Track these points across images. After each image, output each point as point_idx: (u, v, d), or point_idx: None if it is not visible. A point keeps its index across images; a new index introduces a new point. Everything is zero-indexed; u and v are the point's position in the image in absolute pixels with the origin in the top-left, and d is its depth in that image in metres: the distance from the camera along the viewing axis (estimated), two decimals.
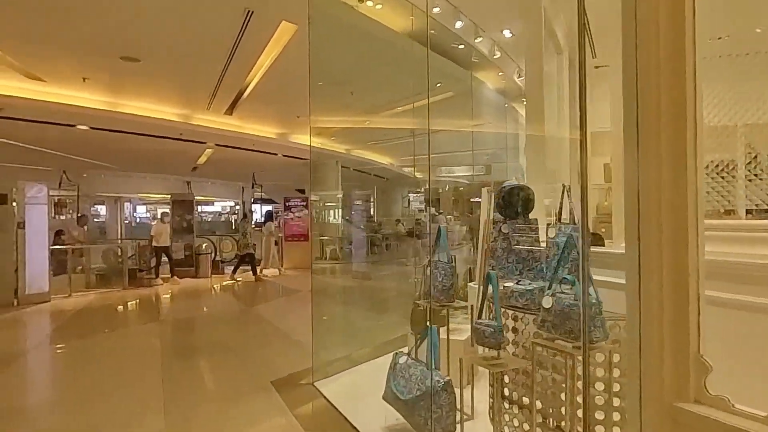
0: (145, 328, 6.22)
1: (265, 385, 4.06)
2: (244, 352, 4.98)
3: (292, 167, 17.27)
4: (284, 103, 9.21)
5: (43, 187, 8.19)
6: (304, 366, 4.56)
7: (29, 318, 7.19)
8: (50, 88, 7.55)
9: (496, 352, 2.73)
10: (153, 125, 9.26)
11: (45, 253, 8.16)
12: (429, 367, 3.01)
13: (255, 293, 9.18)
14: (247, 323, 6.64)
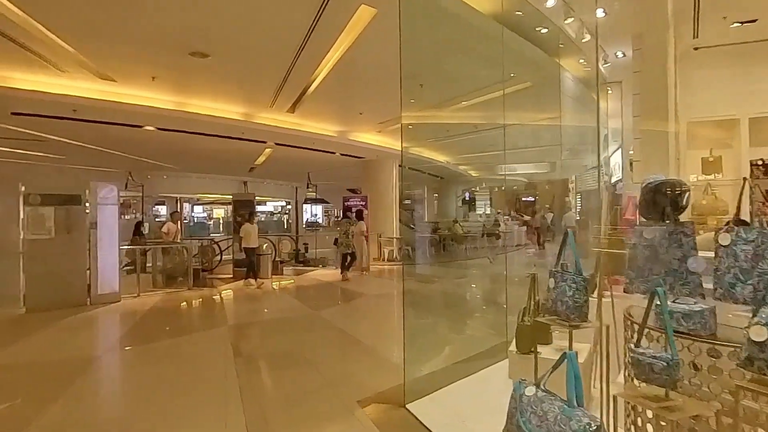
0: (216, 334, 5.99)
1: (350, 405, 3.64)
2: (322, 364, 4.60)
3: (347, 167, 17.04)
4: (348, 99, 8.87)
5: (114, 187, 8.24)
6: (388, 381, 4.12)
7: (102, 318, 7.19)
8: (120, 89, 7.54)
9: (664, 391, 2.16)
10: (216, 124, 9.17)
11: (116, 252, 8.20)
12: (572, 403, 2.48)
13: (318, 296, 8.87)
14: (317, 330, 6.29)
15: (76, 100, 7.32)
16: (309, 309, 7.57)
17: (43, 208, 7.52)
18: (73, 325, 6.65)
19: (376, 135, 12.36)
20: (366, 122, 10.74)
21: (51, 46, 5.77)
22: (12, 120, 8.32)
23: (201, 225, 32.28)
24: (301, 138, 10.87)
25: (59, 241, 7.63)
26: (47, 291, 7.49)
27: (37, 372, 4.59)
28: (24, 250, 7.52)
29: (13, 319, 7.10)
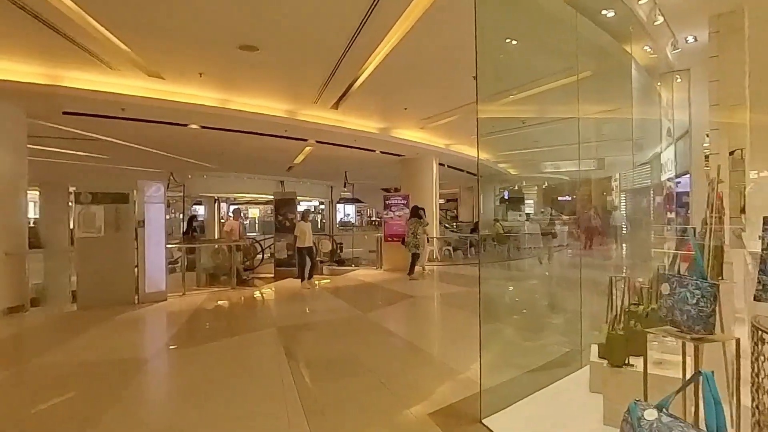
0: (266, 335, 5.81)
1: (423, 419, 3.34)
2: (383, 372, 4.32)
3: (384, 165, 16.77)
4: (393, 94, 8.57)
5: (160, 186, 8.23)
6: (455, 392, 3.82)
7: (151, 317, 7.15)
8: (168, 86, 7.49)
9: None
10: (260, 122, 9.05)
11: (162, 251, 8.19)
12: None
13: (363, 297, 8.63)
14: (370, 333, 6.03)
15: (124, 98, 7.30)
16: (357, 310, 7.32)
17: (94, 206, 7.55)
18: (124, 324, 6.62)
19: (418, 132, 12.03)
20: (410, 118, 10.43)
21: (103, 43, 5.71)
22: (63, 120, 8.42)
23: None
24: (343, 135, 10.66)
25: (108, 239, 7.65)
26: (97, 289, 7.51)
27: (93, 372, 4.49)
28: (75, 249, 7.57)
29: (66, 316, 7.16)
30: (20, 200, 7.69)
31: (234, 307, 8.06)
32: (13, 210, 7.48)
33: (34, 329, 6.48)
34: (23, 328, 6.55)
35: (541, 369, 4.35)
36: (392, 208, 12.35)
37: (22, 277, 7.46)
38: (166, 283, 8.21)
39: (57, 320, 6.92)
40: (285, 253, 11.12)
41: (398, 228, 12.25)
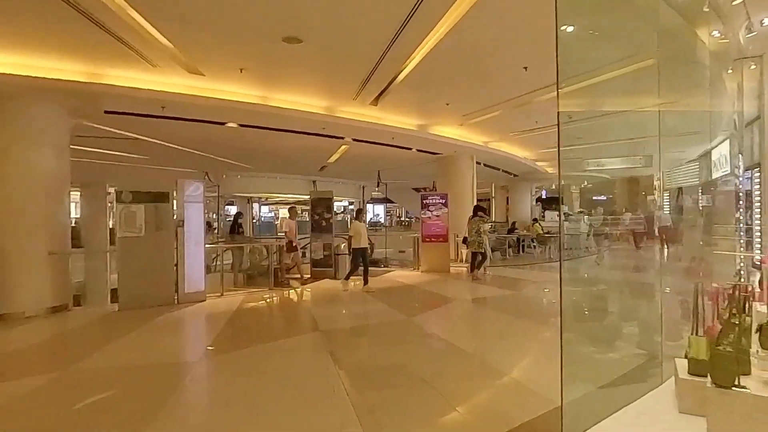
0: (310, 340, 5.56)
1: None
2: (440, 383, 3.98)
3: (418, 164, 16.41)
4: (436, 88, 8.21)
5: (200, 185, 8.13)
6: (524, 408, 3.44)
7: (192, 319, 7.02)
8: (208, 83, 7.36)
9: None
10: (298, 119, 8.85)
11: (201, 251, 8.08)
12: None
13: (404, 299, 8.30)
14: (418, 339, 5.71)
15: (165, 96, 7.21)
16: (400, 314, 7.00)
17: (134, 205, 7.48)
18: (166, 326, 6.50)
19: (457, 129, 11.64)
20: (450, 114, 10.06)
21: (146, 38, 5.59)
22: (105, 119, 8.42)
23: (268, 224, 33.09)
24: (380, 132, 10.37)
25: (149, 239, 7.57)
26: (138, 289, 7.44)
27: (136, 378, 4.32)
28: (116, 248, 7.52)
29: (107, 316, 7.10)
30: (63, 200, 7.71)
31: (273, 308, 7.88)
32: (57, 210, 7.49)
33: (76, 330, 6.42)
34: (66, 328, 6.51)
35: (617, 383, 3.92)
36: (430, 208, 11.97)
37: (65, 277, 7.46)
38: (205, 283, 8.09)
39: (99, 321, 6.87)
40: (321, 254, 10.91)
41: (436, 228, 11.88)
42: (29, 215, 7.02)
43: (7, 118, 6.89)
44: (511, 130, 12.00)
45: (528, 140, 13.52)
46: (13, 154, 6.96)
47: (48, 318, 6.94)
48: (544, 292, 9.04)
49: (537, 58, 6.67)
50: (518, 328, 6.21)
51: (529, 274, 11.24)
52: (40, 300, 7.07)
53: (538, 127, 11.38)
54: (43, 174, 7.22)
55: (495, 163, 16.52)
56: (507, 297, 8.48)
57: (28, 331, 6.24)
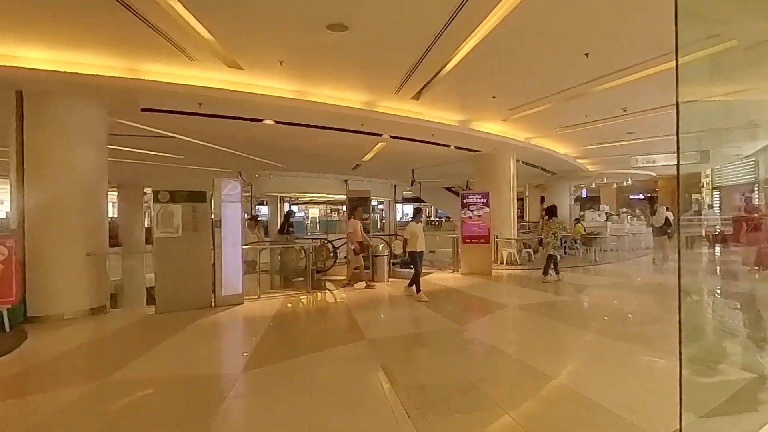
0: (358, 351, 5.15)
1: None
2: (512, 407, 3.50)
3: (453, 163, 15.88)
4: (484, 80, 7.69)
5: (237, 184, 7.86)
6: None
7: (230, 324, 6.73)
8: (246, 78, 7.07)
9: None
10: (337, 115, 8.47)
11: (239, 252, 7.81)
12: None
13: (450, 305, 7.81)
14: (477, 352, 5.24)
15: (203, 91, 6.95)
16: (450, 321, 6.53)
17: (172, 205, 7.26)
18: (204, 331, 6.23)
19: (500, 125, 11.06)
20: (495, 108, 9.49)
21: (185, 29, 5.30)
22: (141, 118, 8.26)
23: (299, 224, 33.07)
24: (420, 128, 9.90)
25: (186, 239, 7.34)
26: (175, 291, 7.23)
27: (177, 391, 4.01)
28: (153, 248, 7.31)
29: (144, 320, 6.88)
30: (101, 200, 7.56)
31: (314, 313, 7.52)
32: (95, 210, 7.34)
33: (114, 334, 6.21)
34: (104, 332, 6.31)
35: (728, 408, 3.36)
36: (470, 207, 11.43)
37: (103, 278, 7.31)
38: (242, 285, 7.81)
39: (136, 324, 6.65)
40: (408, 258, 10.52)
41: (477, 229, 11.34)
42: (67, 216, 6.88)
43: (45, 116, 6.76)
44: (558, 125, 11.34)
45: (573, 136, 12.79)
46: (52, 153, 6.82)
47: (86, 320, 6.78)
48: (602, 298, 8.40)
49: (601, 43, 6.09)
50: (580, 340, 5.65)
51: (579, 278, 10.55)
52: (79, 302, 6.92)
53: (588, 121, 10.69)
54: (82, 173, 7.08)
55: (534, 160, 15.82)
56: (564, 304, 7.89)
57: (66, 334, 6.07)
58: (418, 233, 8.29)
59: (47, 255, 6.70)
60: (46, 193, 6.73)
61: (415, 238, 8.23)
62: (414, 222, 8.50)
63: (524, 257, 13.69)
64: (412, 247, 8.23)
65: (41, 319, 6.57)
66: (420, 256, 8.31)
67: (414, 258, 8.23)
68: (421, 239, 8.31)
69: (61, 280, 6.78)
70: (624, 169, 18.44)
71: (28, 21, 5.23)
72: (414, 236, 8.25)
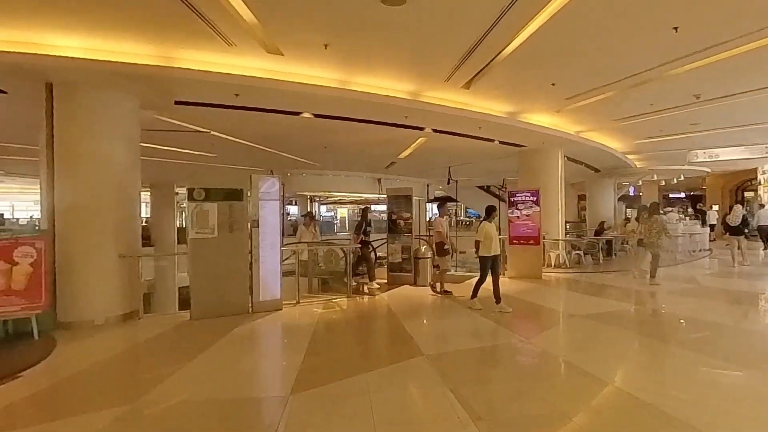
0: (419, 369, 4.49)
1: None
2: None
3: (492, 160, 15.10)
4: (546, 65, 6.93)
5: (275, 181, 7.32)
6: None
7: (270, 333, 6.21)
8: (286, 65, 6.52)
9: None
10: (380, 106, 7.85)
11: (278, 254, 7.27)
12: None
13: (511, 314, 7.08)
14: (558, 372, 4.52)
15: (240, 80, 6.43)
16: (514, 333, 5.81)
17: (207, 204, 6.77)
18: (243, 342, 5.69)
19: (551, 117, 10.23)
20: (551, 97, 8.69)
21: (226, 8, 4.77)
22: (175, 111, 7.84)
23: (328, 224, 32.70)
24: (467, 121, 9.18)
25: (222, 240, 6.84)
26: (211, 296, 6.74)
27: (222, 417, 3.44)
28: (188, 250, 6.84)
29: (179, 327, 6.39)
30: (134, 198, 7.15)
31: (359, 322, 6.89)
32: (127, 209, 6.91)
33: (147, 344, 5.74)
34: (136, 341, 5.86)
35: None
36: (519, 206, 10.64)
37: (135, 281, 6.87)
38: (281, 289, 7.27)
39: (171, 332, 6.16)
40: (399, 257, 9.89)
41: (526, 229, 10.54)
42: (99, 215, 6.46)
43: (76, 109, 6.36)
44: (615, 116, 10.42)
45: (629, 129, 11.81)
46: (83, 149, 6.41)
47: (118, 327, 6.35)
48: (679, 307, 7.51)
49: (697, 14, 5.23)
50: (669, 356, 4.85)
51: (641, 283, 9.61)
52: (110, 307, 6.50)
53: (651, 111, 9.75)
54: (114, 170, 6.65)
55: (581, 156, 14.85)
56: (639, 314, 7.06)
57: (96, 343, 5.63)
58: (493, 234, 7.24)
59: (78, 257, 6.29)
60: (77, 192, 6.33)
61: (489, 240, 7.14)
62: (487, 222, 7.36)
63: (573, 259, 12.78)
64: (485, 251, 7.16)
65: (71, 325, 6.16)
66: (495, 261, 7.26)
67: (485, 263, 7.20)
68: (496, 241, 7.32)
69: (92, 284, 6.36)
70: (677, 165, 17.21)
71: (56, 4, 4.79)
72: (488, 238, 7.14)
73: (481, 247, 7.15)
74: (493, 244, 7.18)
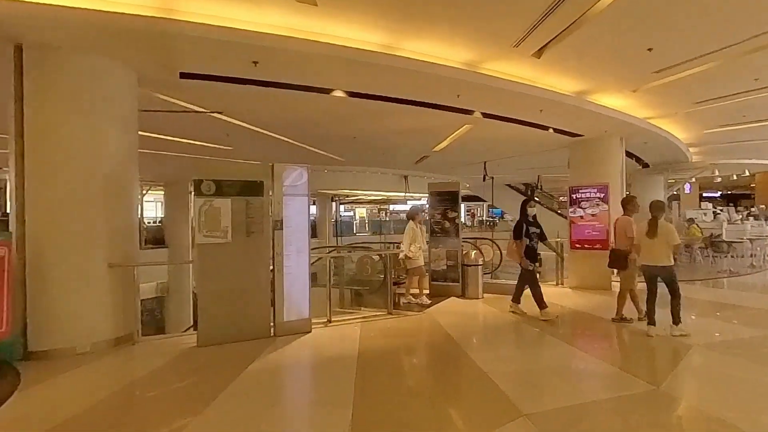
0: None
1: None
2: None
3: (531, 155, 13.51)
4: (645, 26, 5.37)
5: (303, 171, 5.88)
6: None
7: (300, 369, 4.76)
8: (319, 20, 5.10)
9: None
10: (429, 78, 6.35)
11: (306, 262, 5.84)
12: None
13: (609, 344, 5.50)
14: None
15: (260, 40, 4.98)
16: (631, 377, 4.23)
17: (218, 200, 5.38)
18: (268, 383, 4.25)
19: (624, 98, 8.62)
20: (636, 70, 7.08)
21: None
22: (181, 89, 6.47)
23: (347, 224, 31.33)
24: (530, 100, 7.60)
25: (237, 246, 5.44)
26: (223, 317, 5.34)
27: None
28: (195, 258, 5.45)
29: (183, 358, 4.97)
30: (130, 195, 5.76)
31: (413, 352, 5.36)
32: (121, 207, 5.54)
33: (141, 385, 4.33)
34: (127, 381, 4.42)
35: None
36: (582, 204, 9.07)
37: (130, 297, 5.49)
38: (309, 308, 5.84)
39: (172, 366, 4.76)
40: (444, 264, 8.38)
41: (592, 231, 8.95)
42: (83, 214, 5.11)
43: (54, 79, 5.00)
44: (699, 97, 8.74)
45: (704, 114, 10.09)
46: (63, 132, 5.05)
47: (106, 356, 4.98)
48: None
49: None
50: None
51: (726, 295, 7.94)
52: (97, 330, 5.15)
53: (748, 90, 8.07)
54: (105, 158, 5.31)
55: (638, 147, 13.10)
56: (753, 340, 5.44)
57: (73, 382, 4.26)
58: (670, 230, 5.58)
59: (56, 267, 4.94)
60: (54, 186, 4.98)
61: (661, 248, 5.53)
62: (656, 216, 5.69)
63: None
64: (650, 260, 5.57)
65: (47, 354, 4.82)
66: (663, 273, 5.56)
67: (653, 276, 5.63)
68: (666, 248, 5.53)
69: (74, 301, 5.00)
70: (746, 159, 15.37)
71: None
72: (660, 243, 5.51)
73: (647, 255, 5.66)
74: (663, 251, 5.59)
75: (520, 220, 6.68)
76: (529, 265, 6.46)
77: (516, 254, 6.65)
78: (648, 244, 5.56)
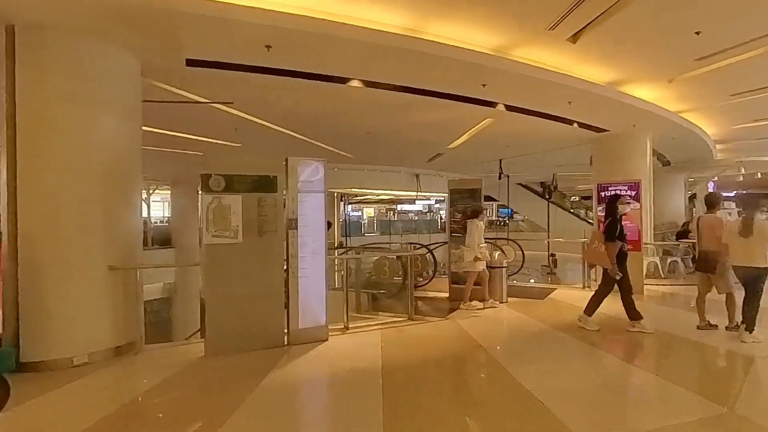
0: None
1: None
2: None
3: (553, 151, 12.99)
4: (694, 5, 4.86)
5: (320, 166, 5.40)
6: None
7: (319, 381, 4.29)
8: (337, 3, 4.61)
9: None
10: (455, 65, 5.87)
11: (323, 265, 5.36)
12: None
13: (663, 354, 4.99)
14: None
15: (273, 20, 4.53)
16: (701, 398, 3.71)
17: (228, 196, 4.92)
18: (281, 402, 3.77)
19: (658, 89, 8.09)
20: (676, 57, 6.55)
21: None
22: (187, 78, 6.03)
23: (356, 225, 30.84)
24: (559, 90, 7.08)
25: (248, 247, 4.98)
26: (233, 323, 4.88)
27: None
28: (202, 260, 5.00)
29: (190, 370, 4.51)
30: (132, 192, 5.33)
31: (442, 365, 4.81)
32: (122, 204, 5.11)
33: (142, 403, 3.87)
34: (126, 398, 3.96)
35: None
36: None
37: (132, 302, 5.06)
38: (326, 315, 5.36)
39: (177, 380, 4.31)
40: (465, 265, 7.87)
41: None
42: (81, 212, 4.67)
43: (49, 63, 4.57)
44: (735, 88, 8.19)
45: (737, 108, 9.52)
46: (61, 119, 4.62)
47: (106, 367, 4.54)
48: None
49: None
50: None
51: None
52: (96, 339, 4.71)
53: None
54: (104, 151, 4.87)
55: (663, 143, 12.52)
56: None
57: (67, 398, 3.82)
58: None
59: (51, 270, 4.50)
60: (49, 179, 4.55)
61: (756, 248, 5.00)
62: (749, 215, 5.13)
63: (669, 267, 10.55)
64: (743, 260, 5.04)
65: (40, 366, 4.39)
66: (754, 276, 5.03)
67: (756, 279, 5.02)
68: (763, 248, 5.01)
69: (70, 308, 4.57)
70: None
71: None
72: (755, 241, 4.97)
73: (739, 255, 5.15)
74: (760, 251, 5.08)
75: (614, 219, 5.84)
76: (618, 274, 5.76)
77: (605, 258, 5.79)
78: (741, 243, 5.03)
